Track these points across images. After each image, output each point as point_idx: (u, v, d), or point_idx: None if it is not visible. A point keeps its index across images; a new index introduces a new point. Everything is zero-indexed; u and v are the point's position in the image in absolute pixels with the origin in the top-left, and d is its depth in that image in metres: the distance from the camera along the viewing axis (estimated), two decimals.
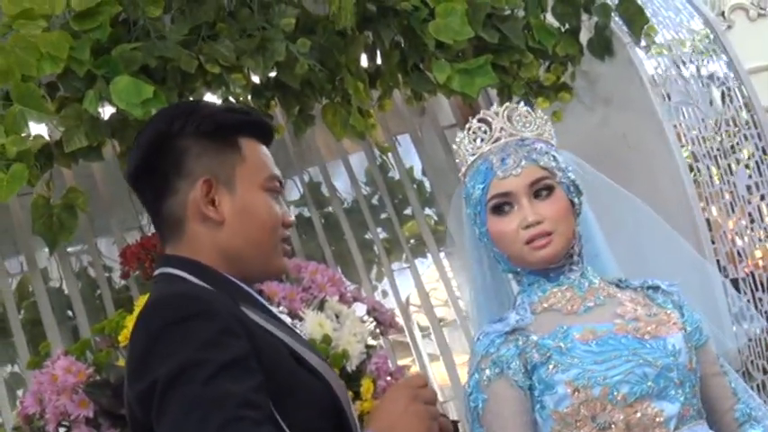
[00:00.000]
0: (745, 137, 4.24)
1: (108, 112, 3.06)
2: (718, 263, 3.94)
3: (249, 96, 3.34)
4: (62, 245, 3.26)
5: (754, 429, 2.06)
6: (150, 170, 1.77)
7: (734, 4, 8.13)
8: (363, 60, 3.61)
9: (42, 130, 3.15)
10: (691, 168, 3.99)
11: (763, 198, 4.20)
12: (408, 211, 4.59)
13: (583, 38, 3.98)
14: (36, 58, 2.81)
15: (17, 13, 2.83)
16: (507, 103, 2.07)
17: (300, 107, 3.57)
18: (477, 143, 2.05)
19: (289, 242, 1.85)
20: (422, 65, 3.56)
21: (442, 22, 3.30)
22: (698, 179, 4.01)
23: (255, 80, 3.35)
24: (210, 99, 3.25)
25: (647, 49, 4.08)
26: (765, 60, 7.34)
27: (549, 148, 2.05)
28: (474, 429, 1.97)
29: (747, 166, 4.20)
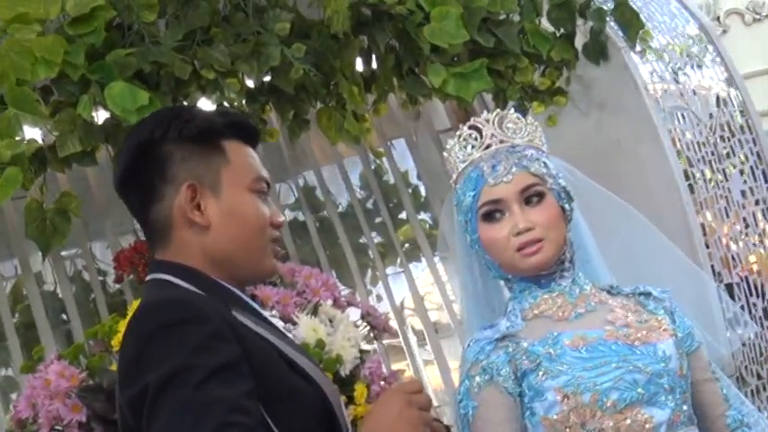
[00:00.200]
0: (739, 142, 4.24)
1: (102, 117, 3.05)
2: (713, 268, 3.95)
3: (244, 101, 3.34)
4: (56, 249, 3.25)
5: None
6: (135, 177, 1.77)
7: (729, 8, 8.14)
8: (358, 64, 3.60)
9: (36, 135, 3.14)
10: (685, 173, 4.00)
11: (757, 203, 4.21)
12: (403, 216, 4.59)
13: (578, 42, 3.98)
14: (30, 63, 2.80)
15: (12, 17, 2.82)
16: (498, 110, 2.07)
17: (295, 111, 3.56)
18: (468, 150, 2.04)
19: (279, 243, 1.84)
20: (417, 69, 3.55)
21: (437, 26, 3.29)
22: (692, 184, 4.02)
23: (250, 84, 3.34)
24: (205, 104, 3.25)
25: (642, 54, 4.08)
26: (760, 65, 7.37)
27: (540, 155, 2.05)
28: None
29: (742, 172, 4.21)
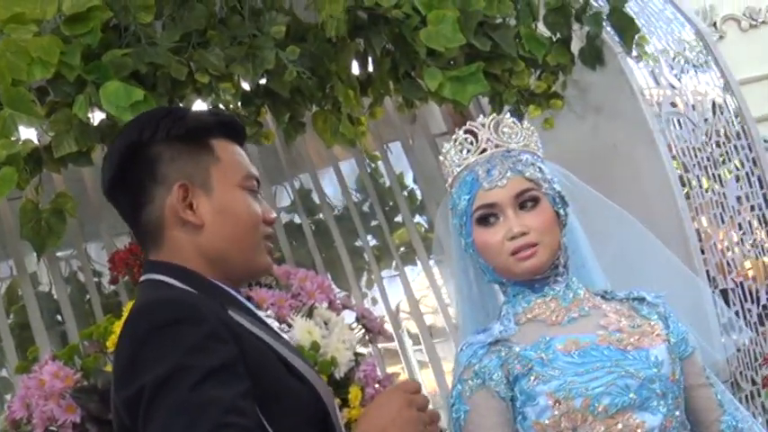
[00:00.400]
0: (735, 148, 4.24)
1: (98, 118, 3.05)
2: (708, 273, 3.94)
3: (239, 103, 3.34)
4: (51, 250, 3.25)
5: None
6: (125, 181, 1.76)
7: (726, 14, 8.15)
8: (354, 68, 3.60)
9: (32, 135, 3.14)
10: (681, 179, 4.00)
11: (753, 209, 4.21)
12: (399, 219, 4.59)
13: (574, 47, 3.98)
14: (26, 63, 2.80)
15: (8, 17, 2.82)
16: (494, 114, 2.07)
17: (291, 114, 3.56)
18: (464, 154, 2.05)
19: (273, 240, 1.83)
20: (413, 72, 3.55)
21: (434, 30, 3.28)
22: (688, 190, 4.02)
23: (246, 87, 3.34)
24: (200, 106, 3.25)
25: (638, 60, 4.08)
26: (757, 71, 7.37)
27: (536, 160, 2.05)
28: None
29: (738, 178, 4.21)
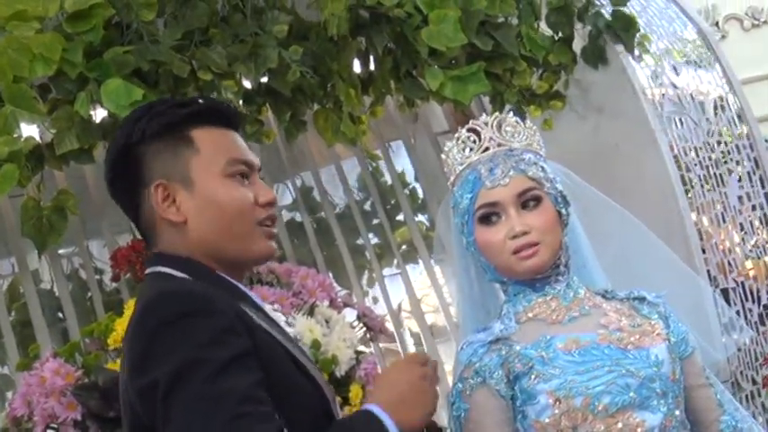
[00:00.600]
0: (737, 147, 4.24)
1: (100, 115, 3.05)
2: (709, 273, 3.95)
3: (241, 102, 3.34)
4: (52, 247, 3.25)
5: None
6: (119, 183, 1.79)
7: (728, 14, 8.15)
8: (356, 66, 3.60)
9: (34, 132, 3.15)
10: (682, 178, 4.00)
11: (754, 209, 4.21)
12: (400, 218, 4.59)
13: (577, 46, 3.99)
14: (28, 60, 2.80)
15: (10, 14, 2.83)
16: (497, 113, 2.07)
17: (292, 113, 3.57)
18: (466, 152, 2.04)
19: (272, 221, 1.80)
20: (414, 71, 3.55)
21: (436, 29, 3.28)
22: (689, 189, 4.02)
23: (247, 85, 3.34)
24: None
25: (640, 59, 4.08)
26: (759, 71, 7.37)
27: (538, 159, 2.05)
28: None
29: (739, 177, 4.21)
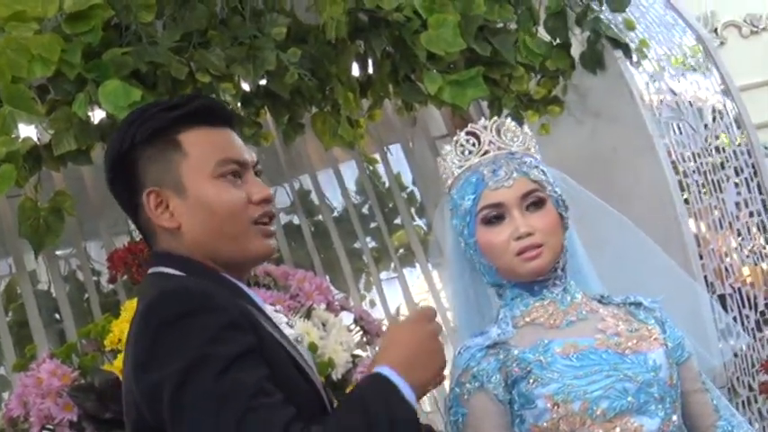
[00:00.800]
0: (734, 153, 4.25)
1: (98, 116, 3.06)
2: (706, 279, 3.95)
3: (239, 104, 3.34)
4: (49, 248, 3.25)
5: None
6: (115, 189, 1.79)
7: (727, 21, 8.16)
8: (354, 70, 3.60)
9: (31, 133, 3.15)
10: (680, 184, 4.00)
11: (751, 215, 4.22)
12: (398, 221, 4.59)
13: (575, 51, 3.99)
14: (27, 60, 2.81)
15: (9, 14, 2.83)
16: (495, 117, 2.07)
17: (290, 116, 3.57)
18: (465, 155, 2.04)
19: (269, 218, 1.78)
20: (413, 75, 3.56)
21: (434, 34, 3.29)
22: (687, 195, 4.02)
23: (246, 88, 3.35)
24: None
25: (638, 64, 4.09)
26: (757, 77, 7.38)
27: (538, 163, 2.05)
28: None
29: (737, 183, 4.22)
